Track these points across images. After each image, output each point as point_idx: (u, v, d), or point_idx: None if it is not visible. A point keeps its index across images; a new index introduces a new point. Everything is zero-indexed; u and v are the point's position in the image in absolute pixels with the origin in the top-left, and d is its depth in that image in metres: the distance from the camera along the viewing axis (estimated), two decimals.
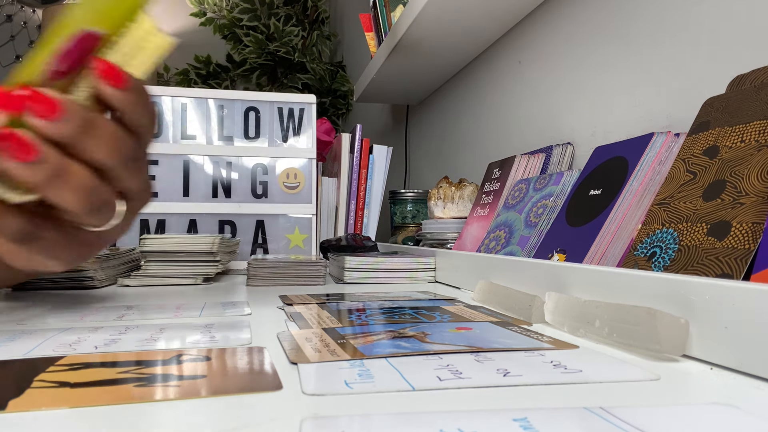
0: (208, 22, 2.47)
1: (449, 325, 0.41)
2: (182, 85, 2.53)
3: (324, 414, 0.22)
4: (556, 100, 0.88)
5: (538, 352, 0.33)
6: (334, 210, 1.20)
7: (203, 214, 1.04)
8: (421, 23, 1.02)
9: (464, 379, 0.27)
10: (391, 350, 0.32)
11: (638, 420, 0.21)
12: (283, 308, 0.51)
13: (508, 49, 1.06)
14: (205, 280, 0.78)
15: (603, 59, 0.76)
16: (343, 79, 2.50)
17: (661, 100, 0.65)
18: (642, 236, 0.48)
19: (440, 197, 0.96)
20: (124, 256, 0.83)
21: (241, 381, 0.26)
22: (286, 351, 0.33)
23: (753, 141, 0.42)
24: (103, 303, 0.56)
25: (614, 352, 0.34)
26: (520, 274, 0.53)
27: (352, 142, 1.19)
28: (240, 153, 1.07)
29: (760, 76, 0.46)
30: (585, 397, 0.25)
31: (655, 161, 0.55)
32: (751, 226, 0.38)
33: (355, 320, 0.43)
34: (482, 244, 0.79)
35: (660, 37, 0.65)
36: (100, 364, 0.30)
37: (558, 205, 0.68)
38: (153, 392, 0.24)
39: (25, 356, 0.32)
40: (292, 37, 2.44)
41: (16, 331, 0.40)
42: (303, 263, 0.77)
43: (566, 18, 0.86)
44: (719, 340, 0.30)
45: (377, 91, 1.50)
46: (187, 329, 0.40)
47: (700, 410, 0.23)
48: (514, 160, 0.84)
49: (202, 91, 1.08)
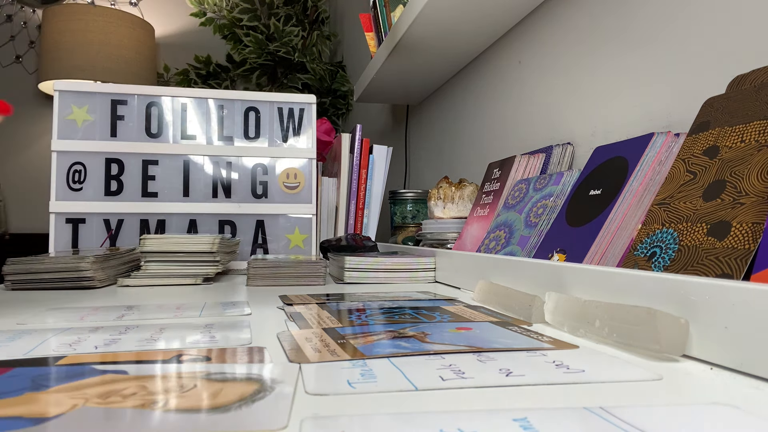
0: (208, 22, 2.47)
1: (449, 325, 0.41)
2: (182, 85, 2.52)
3: (325, 414, 0.22)
4: (556, 100, 0.88)
5: (539, 352, 0.33)
6: (334, 210, 1.20)
7: (203, 214, 1.04)
8: (421, 23, 1.02)
9: (467, 379, 0.27)
10: (391, 350, 0.32)
11: (638, 420, 0.21)
12: (283, 308, 0.51)
13: (508, 49, 1.06)
14: (205, 280, 0.78)
15: (603, 59, 0.76)
16: (343, 79, 2.50)
17: (661, 100, 0.65)
18: (642, 236, 0.48)
19: (440, 197, 0.96)
20: (124, 256, 0.83)
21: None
22: (286, 351, 0.33)
23: (753, 141, 0.42)
24: (103, 303, 0.56)
25: (614, 352, 0.34)
26: (520, 274, 0.53)
27: (352, 142, 1.19)
28: (240, 153, 1.07)
29: (760, 76, 0.46)
30: (585, 397, 0.25)
31: (655, 161, 0.55)
32: (751, 226, 0.38)
33: (355, 320, 0.43)
34: (482, 244, 0.79)
35: (660, 37, 0.65)
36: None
37: (558, 205, 0.68)
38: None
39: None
40: (292, 37, 2.44)
41: (16, 331, 0.40)
42: (303, 263, 0.77)
43: (566, 18, 0.86)
44: (719, 340, 0.30)
45: (377, 91, 1.50)
46: (187, 329, 0.40)
47: (700, 410, 0.23)
48: (514, 160, 0.84)
49: (202, 91, 1.08)
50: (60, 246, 0.98)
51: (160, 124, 1.05)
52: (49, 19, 2.22)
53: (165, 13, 2.70)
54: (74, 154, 1.00)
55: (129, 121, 1.03)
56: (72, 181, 1.00)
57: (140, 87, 1.05)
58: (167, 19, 2.70)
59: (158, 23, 2.65)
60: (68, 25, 2.18)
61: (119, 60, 2.24)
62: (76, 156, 1.00)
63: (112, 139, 1.02)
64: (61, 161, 0.99)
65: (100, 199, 1.00)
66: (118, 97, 1.03)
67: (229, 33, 2.47)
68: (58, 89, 1.01)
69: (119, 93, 1.04)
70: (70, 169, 1.00)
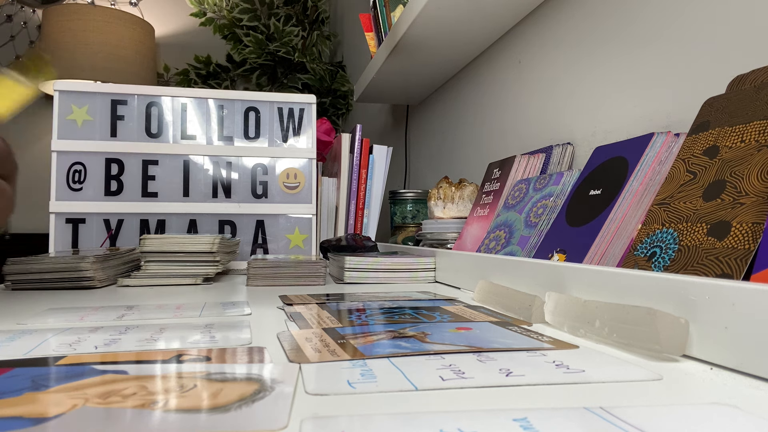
0: (208, 22, 2.47)
1: (449, 325, 0.41)
2: (182, 85, 2.52)
3: (325, 414, 0.22)
4: (556, 100, 0.88)
5: (539, 352, 0.33)
6: (334, 210, 1.20)
7: (203, 214, 1.04)
8: (421, 23, 1.02)
9: (467, 379, 0.27)
10: (391, 350, 0.32)
11: (638, 420, 0.21)
12: (283, 308, 0.51)
13: (508, 49, 1.06)
14: (205, 280, 0.78)
15: (603, 59, 0.76)
16: (343, 79, 2.50)
17: (661, 100, 0.65)
18: (642, 236, 0.48)
19: (440, 197, 0.96)
20: (124, 256, 0.83)
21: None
22: (286, 351, 0.33)
23: (753, 141, 0.42)
24: (103, 303, 0.56)
25: (614, 352, 0.34)
26: (520, 274, 0.53)
27: (352, 142, 1.19)
28: (240, 153, 1.07)
29: (760, 76, 0.46)
30: (585, 397, 0.25)
31: (655, 161, 0.55)
32: (751, 226, 0.38)
33: (355, 320, 0.43)
34: (482, 244, 0.79)
35: (660, 37, 0.65)
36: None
37: (558, 205, 0.68)
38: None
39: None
40: (292, 37, 2.44)
41: (16, 331, 0.40)
42: (303, 263, 0.77)
43: (566, 18, 0.86)
44: (719, 340, 0.30)
45: (377, 91, 1.49)
46: (187, 329, 0.40)
47: (701, 410, 0.23)
48: (514, 160, 0.84)
49: (202, 91, 1.08)
50: (60, 246, 0.98)
51: (160, 124, 1.05)
52: (49, 19, 2.22)
53: (165, 13, 2.70)
54: (74, 154, 1.00)
55: (129, 121, 1.03)
56: (72, 181, 1.00)
57: (140, 87, 1.05)
58: (167, 19, 2.70)
59: (158, 23, 2.65)
60: (68, 25, 2.18)
61: (119, 60, 2.24)
62: (76, 156, 1.00)
63: (112, 139, 1.02)
64: (61, 161, 0.99)
65: (100, 199, 1.00)
66: (118, 97, 1.03)
67: (229, 33, 2.47)
68: (58, 89, 1.01)
69: (119, 93, 1.04)
70: (70, 169, 1.00)
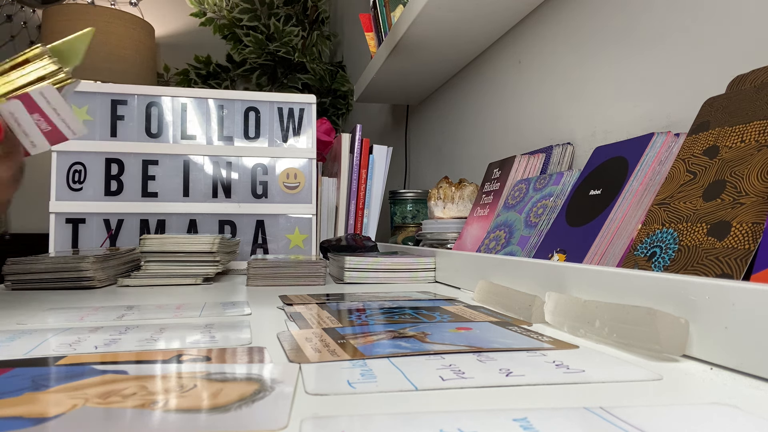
0: (208, 22, 2.47)
1: (449, 325, 0.41)
2: (182, 85, 2.52)
3: (325, 414, 0.22)
4: (556, 100, 0.88)
5: (539, 352, 0.33)
6: (334, 210, 1.20)
7: (203, 214, 1.04)
8: (421, 23, 1.02)
9: (467, 379, 0.27)
10: (391, 350, 0.32)
11: (638, 420, 0.21)
12: (283, 308, 0.51)
13: (508, 49, 1.06)
14: (205, 280, 0.78)
15: (603, 59, 0.76)
16: (343, 79, 2.50)
17: (661, 100, 0.65)
18: (642, 236, 0.48)
19: (440, 197, 0.96)
20: (124, 256, 0.83)
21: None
22: (286, 351, 0.33)
23: (753, 141, 0.42)
24: (103, 303, 0.56)
25: (614, 352, 0.34)
26: (520, 274, 0.53)
27: (352, 142, 1.19)
28: (240, 153, 1.07)
29: (760, 76, 0.46)
30: (585, 397, 0.25)
31: (655, 161, 0.55)
32: (751, 226, 0.38)
33: (355, 320, 0.43)
34: (482, 244, 0.79)
35: (660, 38, 0.65)
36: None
37: (558, 205, 0.68)
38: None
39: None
40: (292, 37, 2.44)
41: (16, 331, 0.40)
42: (303, 263, 0.77)
43: (566, 18, 0.86)
44: (719, 340, 0.30)
45: (377, 91, 1.49)
46: (187, 329, 0.40)
47: (701, 410, 0.23)
48: (514, 160, 0.84)
49: (202, 91, 1.08)
50: (60, 246, 0.98)
51: (160, 124, 1.05)
52: (49, 19, 2.22)
53: (165, 13, 2.70)
54: (74, 154, 1.00)
55: (129, 121, 1.03)
56: (72, 181, 1.00)
57: (140, 87, 1.05)
58: (167, 19, 2.70)
59: (158, 23, 2.65)
60: (68, 25, 2.17)
61: (119, 60, 2.24)
62: (76, 156, 1.00)
63: (112, 139, 1.02)
64: (61, 161, 0.99)
65: (100, 199, 1.00)
66: (118, 97, 1.03)
67: (229, 33, 2.47)
68: None
69: (119, 93, 1.04)
70: (70, 169, 1.00)
